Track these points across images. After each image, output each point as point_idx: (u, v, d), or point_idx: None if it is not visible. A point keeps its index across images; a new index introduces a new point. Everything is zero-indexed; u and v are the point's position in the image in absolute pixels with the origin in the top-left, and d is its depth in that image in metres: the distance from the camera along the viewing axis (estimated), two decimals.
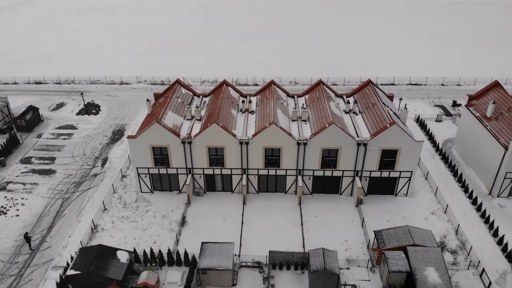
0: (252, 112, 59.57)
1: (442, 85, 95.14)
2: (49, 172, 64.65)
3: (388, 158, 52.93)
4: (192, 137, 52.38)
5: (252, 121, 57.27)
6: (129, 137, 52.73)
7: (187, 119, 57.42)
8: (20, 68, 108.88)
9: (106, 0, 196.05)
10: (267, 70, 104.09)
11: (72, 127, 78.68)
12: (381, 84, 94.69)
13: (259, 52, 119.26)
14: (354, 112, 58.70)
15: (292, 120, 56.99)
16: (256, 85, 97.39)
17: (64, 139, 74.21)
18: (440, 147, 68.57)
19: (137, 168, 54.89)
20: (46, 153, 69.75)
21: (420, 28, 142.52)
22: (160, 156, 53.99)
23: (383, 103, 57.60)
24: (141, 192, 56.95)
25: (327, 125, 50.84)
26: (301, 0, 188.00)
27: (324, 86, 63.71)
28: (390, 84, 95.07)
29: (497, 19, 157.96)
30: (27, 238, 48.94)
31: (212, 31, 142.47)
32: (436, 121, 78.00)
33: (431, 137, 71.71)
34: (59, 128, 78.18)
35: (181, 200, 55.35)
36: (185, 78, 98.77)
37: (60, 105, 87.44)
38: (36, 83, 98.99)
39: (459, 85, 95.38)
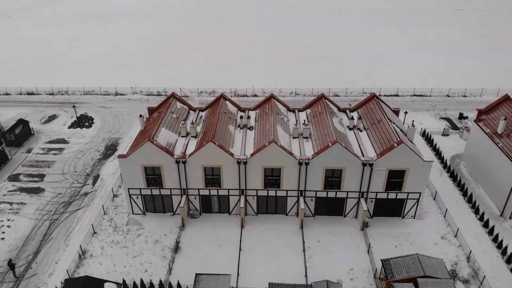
0: (250, 128, 56.47)
1: (448, 96, 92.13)
2: (38, 190, 61.49)
3: (395, 179, 49.78)
4: (187, 156, 49.22)
5: (250, 137, 54.15)
6: (119, 156, 49.58)
7: (182, 136, 54.26)
8: (12, 78, 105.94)
9: (104, 7, 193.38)
10: (266, 81, 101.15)
11: (64, 141, 75.57)
12: (385, 96, 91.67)
13: (259, 62, 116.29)
14: (359, 129, 55.60)
15: (293, 137, 53.88)
16: (256, 96, 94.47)
17: (55, 154, 71.07)
18: (448, 164, 65.43)
19: (128, 189, 51.64)
20: (35, 170, 66.62)
21: (424, 36, 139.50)
22: (153, 176, 50.84)
23: (389, 119, 54.52)
24: (133, 213, 53.72)
25: (330, 144, 47.72)
26: (301, 8, 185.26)
27: (326, 100, 60.60)
28: (394, 95, 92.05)
29: (502, 26, 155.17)
30: (11, 265, 45.81)
31: (210, 40, 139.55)
32: (443, 135, 74.92)
33: (438, 153, 68.59)
34: (50, 142, 75.06)
35: (175, 222, 52.11)
36: (182, 88, 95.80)
37: (52, 118, 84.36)
38: (29, 93, 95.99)
39: (465, 96, 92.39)
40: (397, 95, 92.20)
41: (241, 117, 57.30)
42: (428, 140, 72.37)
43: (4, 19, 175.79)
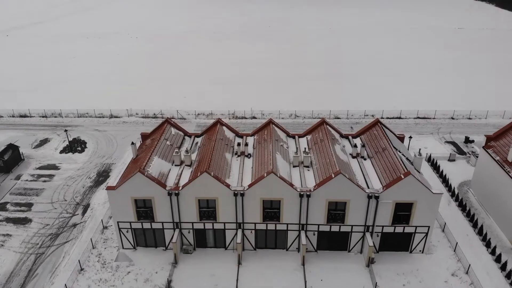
0: (248, 156, 53.54)
1: (452, 118, 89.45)
2: (25, 221, 58.31)
3: (403, 212, 46.71)
4: (180, 188, 46.16)
5: (248, 166, 51.18)
6: (108, 188, 46.52)
7: (175, 165, 51.24)
8: (5, 99, 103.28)
9: (101, 26, 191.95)
10: (265, 102, 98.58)
11: (54, 167, 72.56)
12: (387, 118, 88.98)
13: (258, 83, 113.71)
14: (363, 157, 52.65)
15: (293, 166, 50.92)
16: (254, 118, 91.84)
17: (44, 181, 67.99)
18: (455, 192, 62.40)
19: (118, 222, 48.46)
20: (23, 198, 63.50)
21: (426, 56, 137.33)
22: (144, 209, 47.73)
23: (394, 147, 51.60)
24: (123, 248, 50.45)
25: (333, 175, 44.70)
26: (300, 27, 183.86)
27: (327, 125, 57.78)
28: (397, 118, 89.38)
29: (504, 45, 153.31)
30: None
31: (209, 59, 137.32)
32: (449, 160, 72.01)
33: (444, 180, 65.57)
34: (40, 168, 72.03)
35: (167, 258, 48.81)
36: (179, 111, 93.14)
37: (43, 142, 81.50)
38: (21, 116, 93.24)
39: (469, 118, 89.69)
40: (400, 118, 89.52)
41: (239, 144, 54.46)
42: (434, 166, 69.39)
43: (1, 38, 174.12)
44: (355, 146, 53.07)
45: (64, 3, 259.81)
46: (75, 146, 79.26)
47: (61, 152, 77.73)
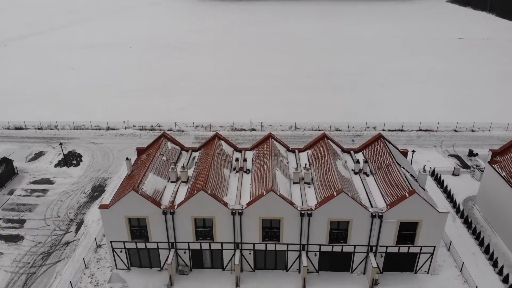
0: (247, 172, 51.83)
1: (455, 131, 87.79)
2: (16, 238, 56.52)
3: (407, 231, 44.92)
4: (175, 207, 44.37)
5: (247, 183, 49.44)
6: (101, 206, 44.75)
7: (171, 182, 49.46)
8: (1, 110, 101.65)
9: (101, 37, 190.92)
10: (265, 113, 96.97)
11: (49, 181, 70.82)
12: (389, 130, 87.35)
13: (257, 94, 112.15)
14: (365, 173, 50.95)
15: (294, 183, 49.17)
16: (254, 130, 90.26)
17: (38, 196, 66.24)
18: (460, 208, 60.58)
19: (111, 241, 46.60)
20: (15, 214, 61.75)
21: (427, 67, 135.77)
22: (138, 228, 45.93)
23: (397, 163, 49.88)
24: (116, 268, 48.53)
25: (335, 194, 42.93)
26: (300, 38, 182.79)
27: (328, 140, 56.10)
28: (399, 130, 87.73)
29: (505, 55, 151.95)
30: None
31: (208, 71, 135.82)
32: (453, 174, 70.27)
33: (449, 195, 63.77)
34: (34, 182, 70.30)
35: (162, 280, 46.94)
36: (177, 123, 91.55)
37: (38, 155, 79.79)
38: (17, 128, 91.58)
39: (473, 131, 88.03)
40: (402, 130, 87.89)
41: (237, 159, 52.73)
42: (438, 180, 67.63)
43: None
44: (357, 161, 51.31)
45: (64, 14, 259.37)
46: (70, 159, 77.57)
47: (56, 165, 76.04)
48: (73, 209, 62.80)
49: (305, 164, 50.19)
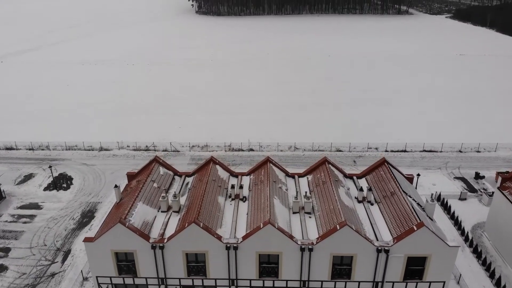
0: (244, 199, 48.70)
1: (460, 151, 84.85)
2: (0, 269, 53.28)
3: (415, 266, 41.67)
4: (165, 240, 41.19)
5: (243, 212, 46.32)
6: (85, 240, 41.61)
7: (162, 211, 46.32)
8: None
9: (99, 53, 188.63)
10: (264, 132, 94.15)
11: (37, 206, 67.83)
12: (392, 151, 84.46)
13: (255, 113, 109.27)
14: (369, 202, 47.79)
15: (293, 212, 46.03)
16: (252, 150, 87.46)
17: (25, 222, 63.26)
18: (469, 237, 57.41)
19: (96, 277, 43.28)
20: (0, 242, 58.65)
21: (428, 85, 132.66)
22: (125, 263, 42.67)
23: (403, 191, 46.79)
24: None
25: (338, 227, 39.78)
26: (299, 55, 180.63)
27: (329, 164, 53.09)
28: (402, 151, 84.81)
29: (508, 72, 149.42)
30: None
31: (206, 88, 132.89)
32: (460, 199, 67.20)
33: (456, 222, 60.62)
34: (21, 207, 67.33)
35: None
36: (172, 143, 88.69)
37: (28, 177, 76.79)
38: (7, 148, 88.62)
39: (478, 151, 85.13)
40: (405, 151, 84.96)
41: (233, 186, 49.60)
42: (445, 206, 64.50)
43: None
44: (361, 189, 48.23)
45: (63, 29, 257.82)
46: (60, 182, 74.57)
47: (45, 189, 73.10)
48: (61, 237, 59.69)
49: (305, 192, 47.12)
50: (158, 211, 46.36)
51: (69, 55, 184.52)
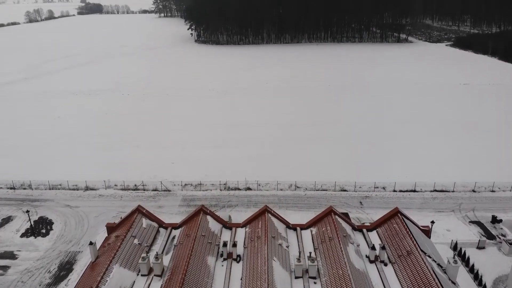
0: (237, 259, 42.35)
1: (473, 191, 78.75)
2: None
3: None
4: None
5: (236, 277, 40.07)
6: None
7: (142, 275, 39.85)
8: None
9: (94, 83, 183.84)
10: (262, 169, 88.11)
11: (12, 255, 61.71)
12: (401, 191, 78.33)
13: (254, 146, 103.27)
14: (383, 261, 41.47)
15: (296, 277, 39.59)
16: (249, 189, 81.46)
17: None
18: None
19: None
20: None
21: (435, 118, 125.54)
22: None
23: (421, 250, 40.47)
24: None
25: None
26: (298, 85, 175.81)
27: (336, 216, 46.91)
28: (411, 191, 78.67)
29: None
30: None
31: (201, 121, 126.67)
32: (478, 248, 60.76)
33: (476, 277, 54.00)
34: None
35: None
36: (163, 181, 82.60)
37: (5, 221, 70.81)
38: None
39: (493, 191, 79.01)
40: (414, 191, 78.78)
41: (225, 244, 43.27)
42: (462, 257, 57.98)
43: None
44: (373, 247, 41.91)
45: (59, 58, 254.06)
46: (39, 227, 68.20)
47: (22, 235, 67.00)
48: None
49: (310, 253, 40.80)
50: (138, 274, 39.94)
51: (63, 85, 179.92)
